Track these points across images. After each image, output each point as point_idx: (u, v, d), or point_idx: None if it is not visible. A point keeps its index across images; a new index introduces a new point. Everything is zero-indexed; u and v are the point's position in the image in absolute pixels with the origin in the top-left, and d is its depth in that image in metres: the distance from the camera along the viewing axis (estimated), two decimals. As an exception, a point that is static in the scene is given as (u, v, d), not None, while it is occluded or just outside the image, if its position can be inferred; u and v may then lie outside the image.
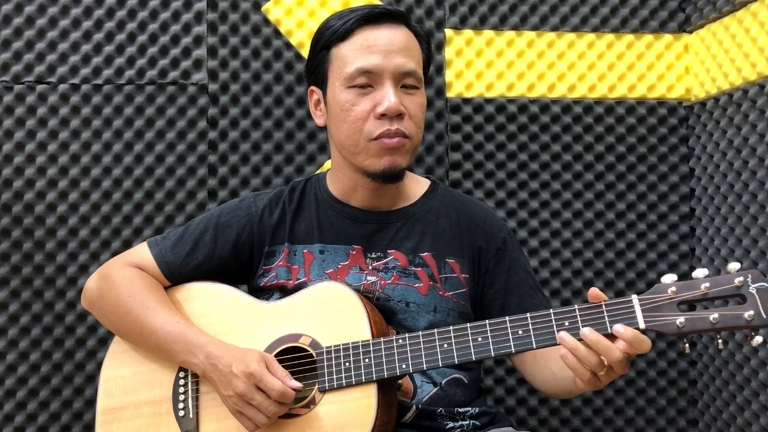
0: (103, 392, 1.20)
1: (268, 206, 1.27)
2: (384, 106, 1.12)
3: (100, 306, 1.24)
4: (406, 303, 1.18)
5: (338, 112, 1.16)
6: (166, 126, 1.68)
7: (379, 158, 1.14)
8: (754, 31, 1.55)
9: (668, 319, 0.94)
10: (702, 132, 1.75)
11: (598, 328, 0.96)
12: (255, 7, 1.70)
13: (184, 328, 1.14)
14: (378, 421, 1.04)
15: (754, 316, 0.90)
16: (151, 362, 1.19)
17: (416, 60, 1.17)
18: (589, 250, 1.76)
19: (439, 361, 1.04)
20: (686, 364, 1.76)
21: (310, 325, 1.12)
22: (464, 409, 1.19)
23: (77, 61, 1.67)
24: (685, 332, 0.93)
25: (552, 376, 1.14)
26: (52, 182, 1.65)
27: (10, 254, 1.63)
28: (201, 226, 1.26)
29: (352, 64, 1.13)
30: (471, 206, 1.30)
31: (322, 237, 1.23)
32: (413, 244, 1.22)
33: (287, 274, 1.22)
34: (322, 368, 1.08)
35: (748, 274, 0.92)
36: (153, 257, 1.24)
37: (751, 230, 1.55)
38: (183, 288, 1.24)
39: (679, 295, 0.94)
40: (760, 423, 1.53)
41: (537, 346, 0.99)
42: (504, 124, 1.75)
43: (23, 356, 1.63)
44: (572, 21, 1.78)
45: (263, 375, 1.03)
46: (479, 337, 1.03)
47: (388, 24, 1.16)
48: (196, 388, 1.15)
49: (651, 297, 0.95)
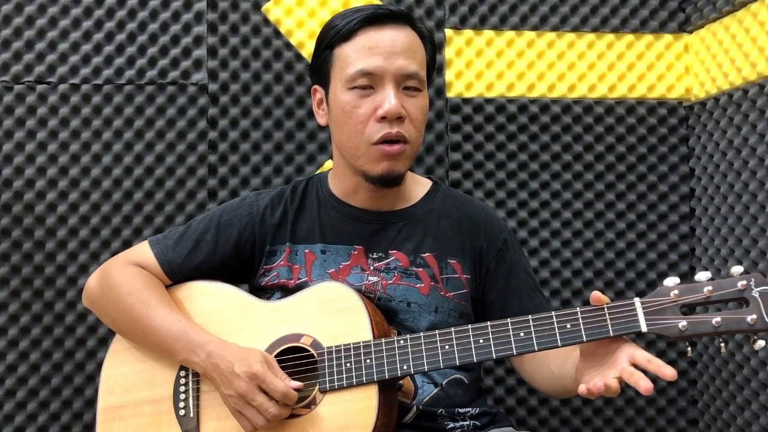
0: (104, 390, 1.20)
1: (270, 205, 1.27)
2: (384, 108, 1.11)
3: (101, 304, 1.23)
4: (407, 303, 1.18)
5: (339, 114, 1.16)
6: (166, 126, 1.68)
7: (377, 163, 1.14)
8: (754, 31, 1.55)
9: (670, 322, 0.94)
10: (702, 132, 1.75)
11: (600, 331, 0.96)
12: (255, 7, 1.70)
13: (186, 326, 1.14)
14: (379, 422, 1.04)
15: (756, 320, 0.90)
16: (152, 361, 1.18)
17: (419, 62, 1.16)
18: (589, 250, 1.76)
19: (440, 362, 1.04)
20: (686, 364, 1.76)
21: (311, 325, 1.12)
22: (464, 410, 1.19)
23: (77, 61, 1.67)
24: (687, 335, 0.93)
25: (551, 375, 1.14)
26: (52, 182, 1.65)
27: (10, 254, 1.63)
28: (203, 225, 1.26)
29: (354, 66, 1.13)
30: (472, 207, 1.30)
31: (324, 237, 1.23)
32: (415, 245, 1.22)
33: (288, 274, 1.22)
34: (323, 368, 1.08)
35: (751, 278, 0.92)
36: (154, 256, 1.24)
37: (751, 230, 1.55)
38: (184, 287, 1.24)
39: (682, 298, 0.94)
40: (760, 423, 1.53)
41: (539, 348, 0.99)
42: (504, 124, 1.75)
43: (23, 356, 1.63)
44: (572, 21, 1.77)
45: (266, 376, 1.03)
46: (481, 339, 1.02)
47: (391, 25, 1.15)
48: (197, 387, 1.15)
49: (653, 300, 0.95)
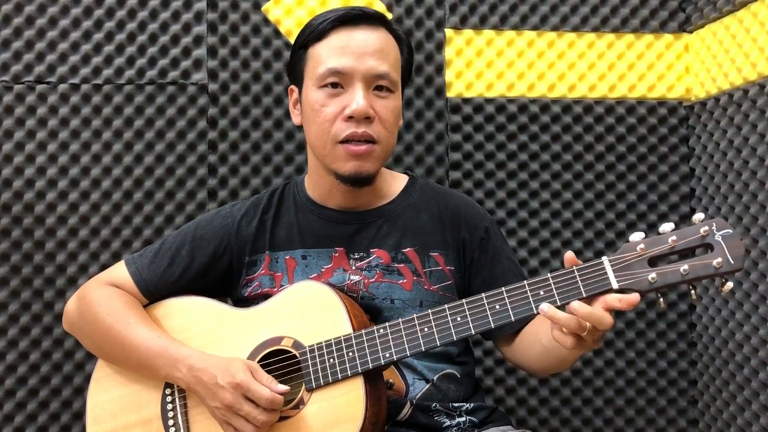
0: (92, 419, 1.19)
1: (246, 216, 1.26)
2: (352, 108, 1.11)
3: (80, 326, 1.23)
4: (390, 300, 1.19)
5: (309, 112, 1.16)
6: (166, 126, 1.68)
7: (345, 162, 1.14)
8: (755, 31, 1.55)
9: (640, 275, 0.95)
10: (702, 132, 1.75)
11: (573, 293, 0.97)
12: (255, 7, 1.70)
13: (166, 342, 1.13)
14: (368, 412, 1.03)
15: (722, 263, 0.92)
16: (135, 383, 1.18)
17: (391, 63, 1.16)
18: (590, 250, 1.76)
19: (421, 345, 1.04)
20: (686, 364, 1.76)
21: (291, 326, 1.11)
22: (459, 405, 1.19)
23: (77, 61, 1.67)
24: (658, 287, 0.95)
25: (544, 349, 1.13)
26: (52, 182, 1.65)
27: (10, 254, 1.63)
28: (177, 241, 1.25)
29: (324, 64, 1.13)
30: (451, 198, 1.30)
31: (304, 242, 1.23)
32: (395, 241, 1.22)
33: (271, 282, 1.22)
34: (307, 367, 1.07)
35: (712, 223, 0.95)
36: (130, 276, 1.23)
37: (752, 230, 1.55)
38: (161, 305, 1.23)
39: (648, 251, 0.96)
40: (760, 423, 1.53)
41: (515, 318, 1.00)
42: (504, 124, 1.75)
43: (23, 356, 1.63)
44: (572, 21, 1.77)
45: (250, 384, 1.02)
46: (458, 317, 1.03)
47: (365, 26, 1.16)
48: (184, 404, 1.15)
49: (621, 256, 0.97)
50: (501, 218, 1.74)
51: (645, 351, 1.75)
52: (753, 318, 1.55)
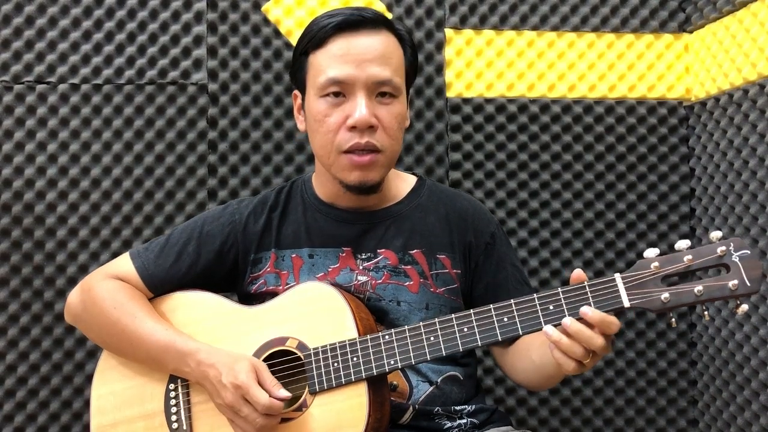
0: (96, 410, 1.19)
1: (253, 213, 1.25)
2: (354, 118, 1.10)
3: (84, 319, 1.22)
4: (397, 302, 1.18)
5: (312, 122, 1.15)
6: (166, 126, 1.68)
7: (349, 172, 1.13)
8: (755, 31, 1.55)
9: (653, 295, 0.93)
10: (702, 132, 1.75)
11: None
12: (255, 7, 1.70)
13: (174, 336, 1.13)
14: (371, 418, 1.03)
15: (738, 285, 0.89)
16: (140, 376, 1.17)
17: (394, 67, 1.13)
18: (590, 250, 1.76)
19: (426, 354, 1.03)
20: (686, 364, 1.76)
21: (296, 327, 1.11)
22: (461, 407, 1.19)
23: (77, 61, 1.67)
24: (671, 307, 0.92)
25: (532, 365, 1.13)
26: (52, 182, 1.65)
27: (10, 254, 1.63)
28: (184, 237, 1.24)
29: (325, 74, 1.11)
30: (459, 200, 1.29)
31: (311, 241, 1.22)
32: (402, 242, 1.21)
33: (276, 280, 1.22)
34: (311, 370, 1.07)
35: (730, 243, 0.91)
36: (135, 269, 1.22)
37: (752, 230, 1.55)
38: (166, 299, 1.22)
39: (662, 269, 0.93)
40: (760, 423, 1.53)
41: (523, 332, 0.99)
42: (504, 124, 1.75)
43: (23, 356, 1.63)
44: (572, 21, 1.77)
45: (250, 387, 1.02)
46: (465, 327, 1.02)
47: (365, 30, 1.12)
48: (187, 399, 1.14)
49: (634, 274, 0.94)
50: (501, 218, 1.74)
51: (645, 351, 1.75)
52: (753, 318, 1.55)
